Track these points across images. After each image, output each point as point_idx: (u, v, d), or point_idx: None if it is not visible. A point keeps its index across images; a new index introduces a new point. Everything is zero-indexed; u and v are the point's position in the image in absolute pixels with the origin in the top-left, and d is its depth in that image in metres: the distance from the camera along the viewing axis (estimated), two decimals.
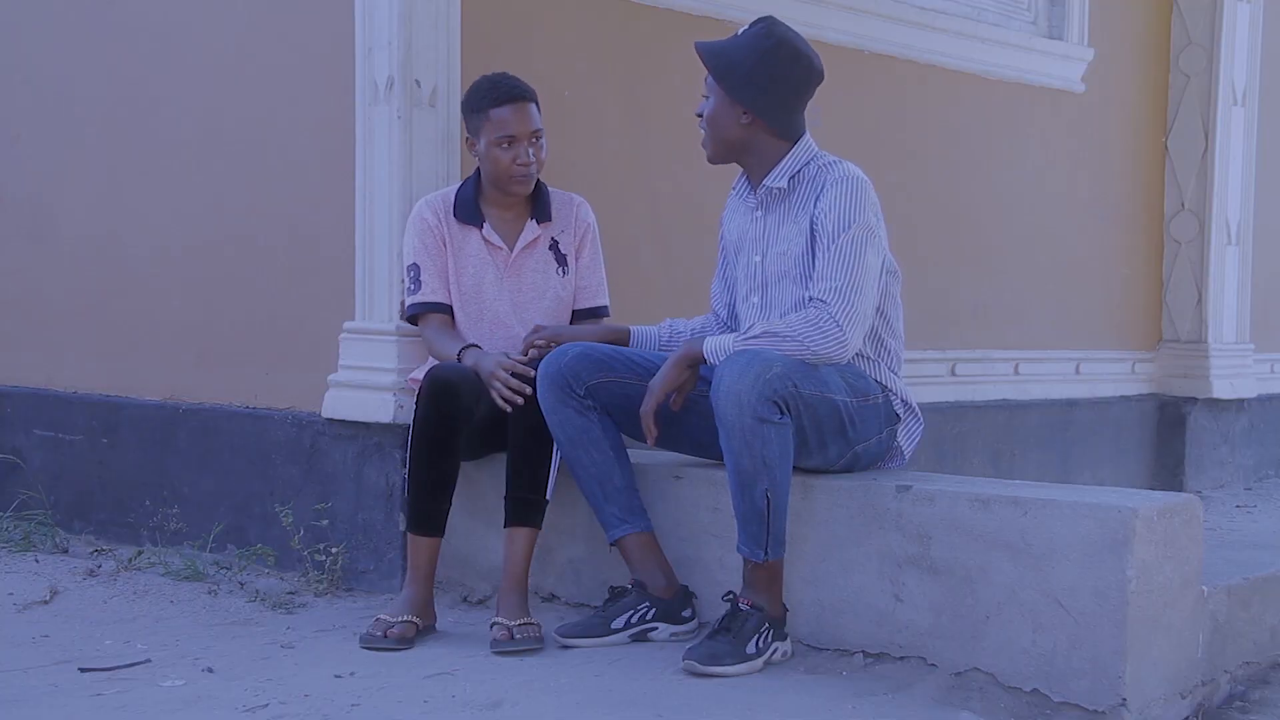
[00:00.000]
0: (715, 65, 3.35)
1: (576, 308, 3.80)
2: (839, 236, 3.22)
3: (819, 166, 3.34)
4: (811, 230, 3.29)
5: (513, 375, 3.39)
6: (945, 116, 5.40)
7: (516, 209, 3.75)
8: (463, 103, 3.74)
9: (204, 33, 4.48)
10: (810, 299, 3.23)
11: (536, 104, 3.67)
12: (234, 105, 4.38)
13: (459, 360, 3.52)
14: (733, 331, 3.47)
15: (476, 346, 3.58)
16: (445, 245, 3.70)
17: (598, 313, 3.81)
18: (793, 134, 3.37)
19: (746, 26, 3.37)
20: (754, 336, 3.18)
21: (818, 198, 3.29)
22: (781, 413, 3.07)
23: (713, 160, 3.45)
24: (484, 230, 3.71)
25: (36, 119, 5.06)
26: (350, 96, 3.94)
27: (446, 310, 3.71)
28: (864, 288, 3.21)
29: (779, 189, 3.37)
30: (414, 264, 3.70)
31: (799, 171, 3.36)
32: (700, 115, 3.40)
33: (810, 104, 3.42)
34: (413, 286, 3.70)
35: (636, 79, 4.42)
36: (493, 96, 3.64)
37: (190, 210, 4.52)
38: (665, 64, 4.40)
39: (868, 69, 5.05)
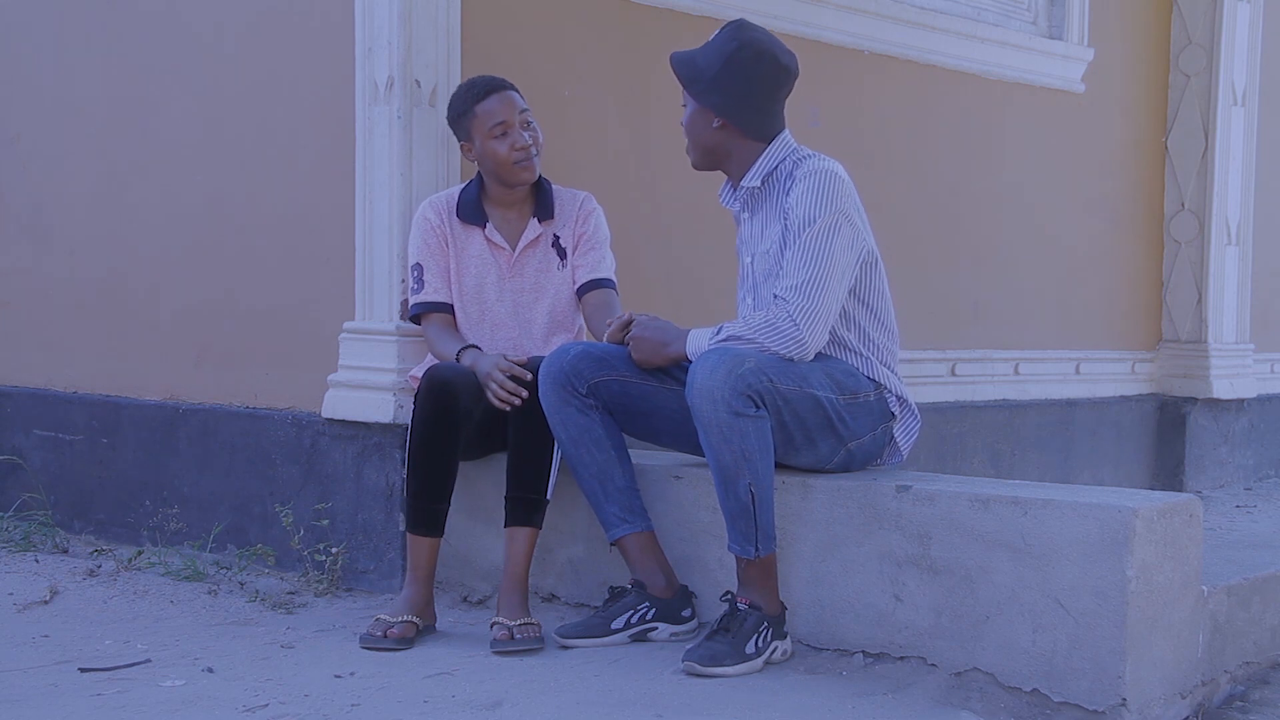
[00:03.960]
0: (683, 73, 3.37)
1: (578, 284, 3.75)
2: (803, 232, 3.21)
3: (793, 162, 3.32)
4: (784, 226, 3.28)
5: (509, 378, 3.40)
6: (945, 116, 5.40)
7: (519, 208, 3.75)
8: (447, 116, 3.73)
9: (204, 33, 4.48)
10: (775, 296, 3.23)
11: (517, 91, 3.68)
12: (234, 105, 4.39)
13: (457, 360, 3.53)
14: None
15: (476, 347, 3.58)
16: (448, 245, 3.70)
17: (600, 285, 3.73)
18: (767, 134, 3.35)
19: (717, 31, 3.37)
20: (720, 340, 3.20)
21: (787, 193, 3.28)
22: (757, 406, 3.07)
23: (696, 168, 3.45)
24: (486, 230, 3.71)
25: (36, 119, 5.06)
26: (350, 96, 3.94)
27: (449, 310, 3.71)
28: (828, 283, 3.19)
29: (754, 189, 3.36)
30: (417, 263, 3.70)
31: (774, 170, 3.34)
32: (683, 125, 3.41)
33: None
34: (416, 286, 3.70)
35: (636, 79, 4.42)
36: (473, 94, 3.65)
37: (190, 210, 4.52)
38: (665, 64, 4.39)
39: (868, 69, 5.05)
